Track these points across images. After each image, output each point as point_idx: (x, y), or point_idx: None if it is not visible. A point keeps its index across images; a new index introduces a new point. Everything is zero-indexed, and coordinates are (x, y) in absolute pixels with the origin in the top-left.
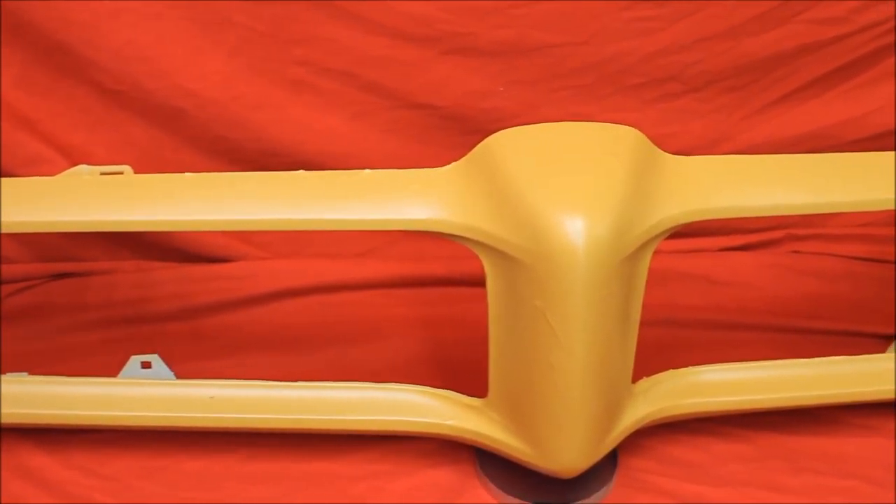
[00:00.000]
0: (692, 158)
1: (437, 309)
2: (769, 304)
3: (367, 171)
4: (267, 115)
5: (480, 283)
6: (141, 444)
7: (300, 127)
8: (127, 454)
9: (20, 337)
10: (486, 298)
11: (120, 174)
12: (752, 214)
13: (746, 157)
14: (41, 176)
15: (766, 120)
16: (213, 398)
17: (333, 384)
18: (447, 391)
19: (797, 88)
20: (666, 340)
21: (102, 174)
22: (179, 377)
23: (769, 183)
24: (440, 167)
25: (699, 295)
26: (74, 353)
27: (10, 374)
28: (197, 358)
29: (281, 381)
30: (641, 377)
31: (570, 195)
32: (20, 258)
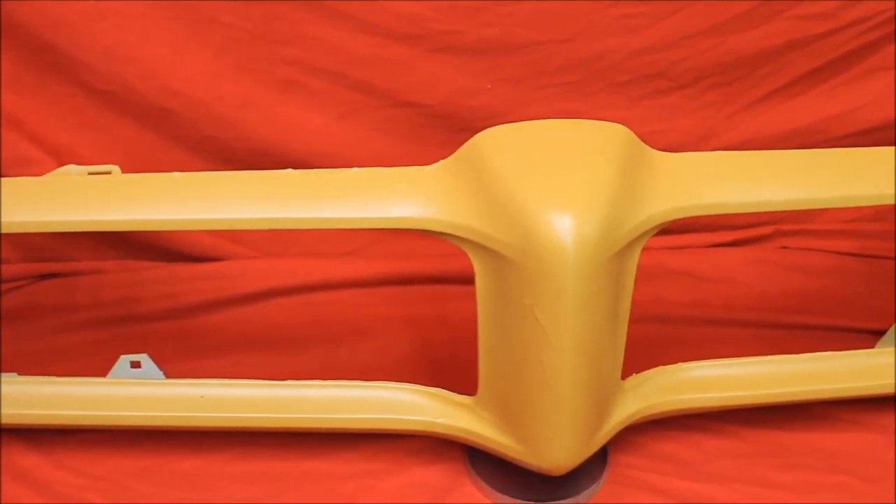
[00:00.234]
0: (680, 155)
1: (426, 307)
2: (757, 300)
3: (354, 169)
4: (255, 114)
5: (469, 280)
6: (131, 443)
7: (288, 126)
8: (118, 454)
9: (9, 338)
10: (475, 296)
11: (108, 174)
12: (739, 210)
13: (734, 153)
14: (29, 176)
15: (753, 116)
16: (202, 397)
17: (323, 383)
18: (437, 389)
19: (784, 85)
20: (655, 337)
21: (90, 174)
22: (169, 377)
23: (757, 179)
24: (428, 165)
25: (688, 291)
26: (63, 353)
27: None
28: (186, 357)
29: (270, 380)
30: (631, 374)
31: (558, 192)
32: (8, 258)
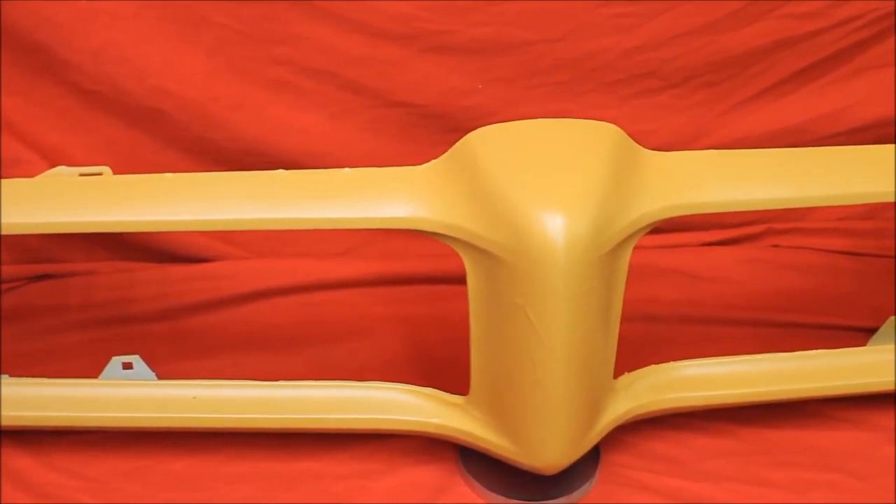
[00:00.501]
0: (671, 154)
1: (418, 307)
2: (749, 298)
3: (346, 169)
4: (246, 114)
5: (461, 280)
6: (124, 445)
7: (280, 126)
8: (110, 455)
9: (2, 339)
10: (467, 296)
11: (99, 175)
12: (731, 209)
13: (725, 152)
14: (20, 177)
15: (743, 115)
16: (195, 398)
17: (316, 383)
18: (429, 389)
19: (774, 84)
20: (647, 336)
21: (81, 175)
22: (161, 378)
23: (748, 178)
24: (420, 165)
25: (680, 290)
26: (55, 354)
27: None
28: (178, 358)
29: (263, 380)
30: (623, 373)
31: (549, 192)
32: (0, 260)
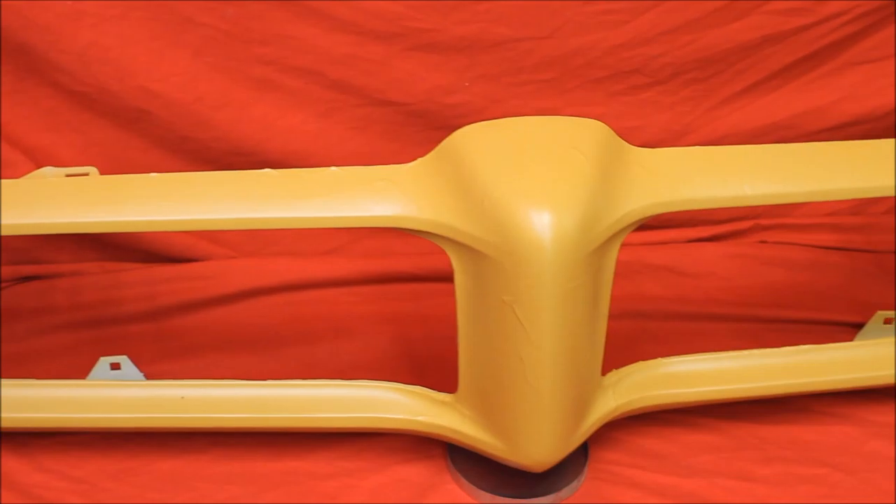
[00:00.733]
0: (658, 150)
1: (405, 305)
2: (737, 294)
3: (333, 168)
4: (232, 114)
5: (448, 278)
6: (111, 445)
7: (265, 126)
8: (97, 456)
9: None
10: (454, 294)
11: (85, 175)
12: (718, 205)
13: (712, 148)
14: (6, 178)
15: (730, 111)
16: (183, 398)
17: (303, 382)
18: (417, 387)
19: (761, 79)
20: (635, 332)
21: (68, 176)
22: (149, 378)
23: (735, 174)
24: (406, 163)
25: (667, 286)
26: (43, 355)
27: None
28: (166, 358)
29: (251, 380)
30: (611, 370)
31: (536, 189)
32: None
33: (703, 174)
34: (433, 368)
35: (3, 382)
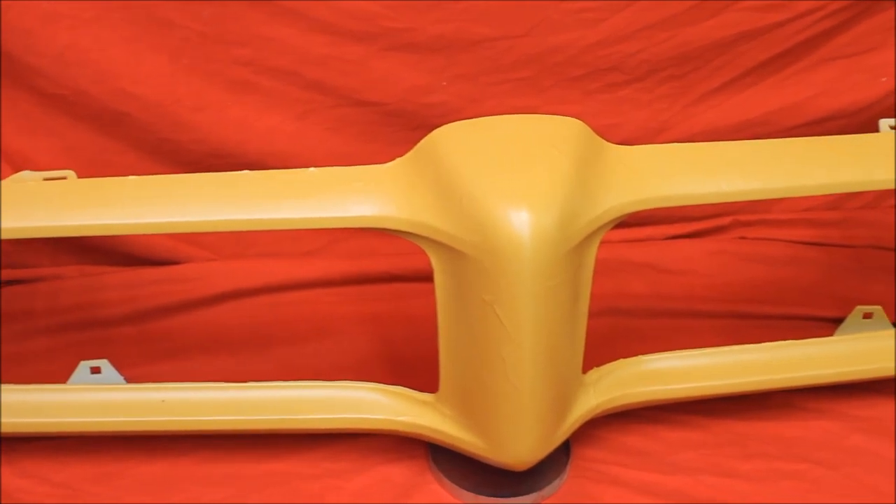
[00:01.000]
0: (636, 148)
1: (385, 305)
2: (717, 290)
3: (312, 169)
4: (210, 116)
5: (428, 278)
6: (93, 449)
7: (244, 127)
8: (79, 460)
9: None
10: (434, 294)
11: (63, 179)
12: (697, 202)
13: (690, 144)
14: None
15: (707, 108)
16: (164, 401)
17: (285, 384)
18: (399, 387)
19: (737, 76)
20: (615, 330)
21: (46, 179)
22: (129, 381)
23: (713, 170)
24: (385, 164)
25: (647, 284)
26: (23, 360)
27: None
28: (146, 362)
29: (232, 382)
30: (592, 367)
31: (514, 188)
32: None
33: (681, 171)
34: (414, 368)
35: None
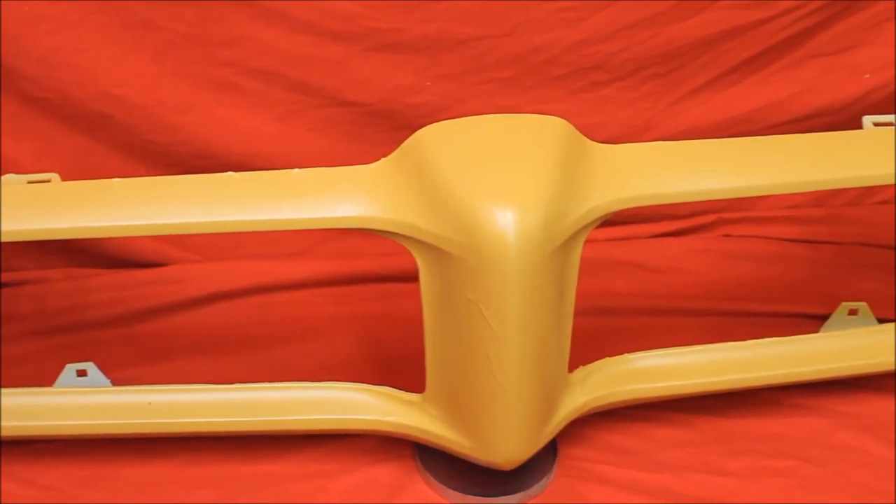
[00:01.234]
0: (620, 146)
1: (371, 306)
2: (702, 288)
3: (296, 170)
4: (194, 117)
5: (414, 278)
6: (80, 452)
7: (228, 128)
8: (66, 463)
9: None
10: (420, 294)
11: (48, 182)
12: (681, 200)
13: (674, 143)
14: None
15: (691, 106)
16: (150, 404)
17: (272, 385)
18: (385, 388)
19: (721, 74)
20: (601, 328)
21: (30, 182)
22: (116, 384)
23: (697, 168)
24: (369, 164)
25: (632, 282)
26: (8, 363)
27: None
28: (133, 364)
29: (219, 383)
30: (578, 366)
31: (499, 187)
32: None
33: (665, 169)
34: (401, 369)
35: None
